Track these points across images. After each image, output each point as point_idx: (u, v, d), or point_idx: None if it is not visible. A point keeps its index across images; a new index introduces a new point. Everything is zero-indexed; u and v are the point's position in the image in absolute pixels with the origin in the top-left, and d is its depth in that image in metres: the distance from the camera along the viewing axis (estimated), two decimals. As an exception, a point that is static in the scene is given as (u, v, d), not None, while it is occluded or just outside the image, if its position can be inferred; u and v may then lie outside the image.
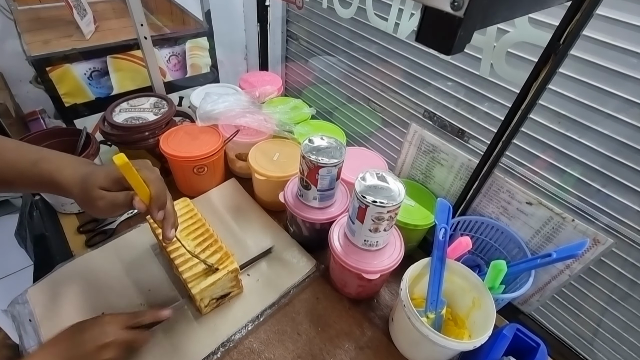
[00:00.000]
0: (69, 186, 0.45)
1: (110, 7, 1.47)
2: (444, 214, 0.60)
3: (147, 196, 0.46)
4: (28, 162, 0.46)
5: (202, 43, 1.36)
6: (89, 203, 0.44)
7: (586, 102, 0.52)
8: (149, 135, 0.78)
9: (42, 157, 0.47)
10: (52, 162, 0.46)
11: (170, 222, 0.49)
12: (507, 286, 0.62)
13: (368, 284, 0.62)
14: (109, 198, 0.44)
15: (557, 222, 0.59)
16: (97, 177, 0.44)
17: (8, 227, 0.84)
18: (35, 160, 0.46)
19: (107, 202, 0.44)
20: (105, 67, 1.18)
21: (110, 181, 0.45)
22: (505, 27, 0.56)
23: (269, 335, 0.60)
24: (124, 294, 0.62)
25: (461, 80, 0.67)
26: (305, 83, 1.12)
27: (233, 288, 0.61)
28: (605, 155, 0.53)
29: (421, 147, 0.75)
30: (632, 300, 0.57)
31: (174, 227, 0.49)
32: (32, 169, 0.46)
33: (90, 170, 0.46)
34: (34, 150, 0.48)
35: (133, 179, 0.44)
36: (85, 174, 0.45)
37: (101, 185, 0.44)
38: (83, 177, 0.45)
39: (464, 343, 0.50)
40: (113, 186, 0.45)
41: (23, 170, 0.46)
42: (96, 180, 0.44)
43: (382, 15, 0.73)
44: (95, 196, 0.44)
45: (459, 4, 0.21)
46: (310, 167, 0.61)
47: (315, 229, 0.69)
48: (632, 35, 0.46)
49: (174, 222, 0.50)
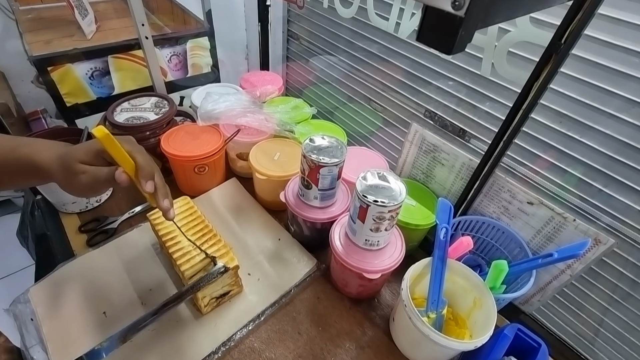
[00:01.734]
0: (48, 166, 0.44)
1: (112, 7, 1.47)
2: (445, 213, 0.60)
3: (131, 168, 0.44)
4: (7, 148, 0.45)
5: (203, 43, 1.36)
6: (70, 180, 0.43)
7: (588, 101, 0.52)
8: (150, 134, 0.79)
9: (20, 142, 0.46)
10: (31, 146, 0.46)
11: (162, 192, 0.47)
12: (508, 286, 0.62)
13: (369, 283, 0.62)
14: (91, 172, 0.43)
15: (558, 222, 0.59)
16: (77, 152, 0.43)
17: (10, 226, 0.84)
18: (13, 147, 0.45)
19: (89, 177, 0.42)
20: (106, 67, 1.18)
21: (91, 155, 0.43)
22: (506, 27, 0.56)
23: (269, 335, 0.60)
24: (125, 293, 0.62)
25: (462, 80, 0.67)
26: (306, 82, 1.12)
27: (233, 286, 0.61)
28: (607, 155, 0.53)
29: (422, 146, 0.75)
30: (633, 300, 0.57)
31: (167, 198, 0.47)
32: (11, 155, 0.45)
33: (70, 148, 0.45)
34: (12, 138, 0.47)
35: (115, 151, 0.42)
36: (64, 152, 0.44)
37: (82, 160, 0.43)
38: (62, 155, 0.44)
39: (465, 343, 0.50)
40: (94, 160, 0.44)
41: (2, 157, 0.45)
42: (76, 155, 0.43)
43: (383, 14, 0.73)
44: (76, 170, 0.42)
45: (460, 4, 0.21)
46: (312, 166, 0.61)
47: (316, 228, 0.69)
48: (634, 35, 0.46)
49: (166, 193, 0.48)
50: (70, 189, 0.45)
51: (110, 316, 0.59)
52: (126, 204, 0.79)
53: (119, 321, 0.58)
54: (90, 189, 0.44)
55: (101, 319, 0.58)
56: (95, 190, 0.45)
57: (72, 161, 0.43)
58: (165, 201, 0.47)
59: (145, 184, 0.45)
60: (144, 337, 0.57)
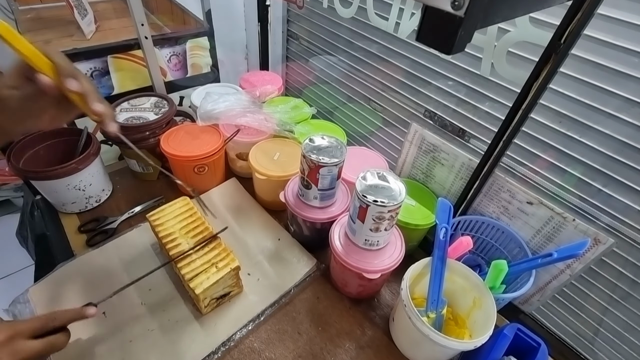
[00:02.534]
0: None
1: (111, 7, 1.47)
2: (445, 213, 0.60)
3: (48, 68, 0.39)
4: None
5: (202, 43, 1.36)
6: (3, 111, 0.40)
7: (587, 101, 0.52)
8: (150, 134, 0.79)
9: None
10: None
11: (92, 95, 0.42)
12: (508, 286, 0.62)
13: (369, 283, 0.62)
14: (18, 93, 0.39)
15: (558, 221, 0.59)
16: (3, 79, 0.40)
17: (9, 226, 0.84)
18: None
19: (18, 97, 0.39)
20: (106, 67, 1.18)
21: (14, 76, 0.39)
22: (506, 27, 0.56)
23: (269, 335, 0.60)
24: (124, 293, 0.61)
25: (462, 80, 0.67)
26: (306, 82, 1.12)
27: (233, 287, 0.61)
28: (606, 155, 0.53)
29: (422, 146, 0.75)
30: (633, 300, 0.57)
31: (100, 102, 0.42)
32: None
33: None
34: None
35: (21, 45, 0.37)
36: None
37: (7, 85, 0.39)
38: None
39: (464, 343, 0.50)
40: (20, 82, 0.40)
41: None
42: (3, 82, 0.39)
43: (382, 14, 0.73)
44: (4, 95, 0.39)
45: (460, 4, 0.21)
46: (311, 166, 0.61)
47: (315, 228, 0.69)
48: (634, 35, 0.46)
49: (98, 96, 0.42)
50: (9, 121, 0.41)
51: (110, 316, 0.59)
52: (126, 204, 0.79)
53: (119, 321, 0.58)
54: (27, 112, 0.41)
55: (101, 319, 0.58)
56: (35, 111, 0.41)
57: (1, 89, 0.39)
58: (98, 105, 0.42)
59: (68, 82, 0.40)
60: (144, 337, 0.57)
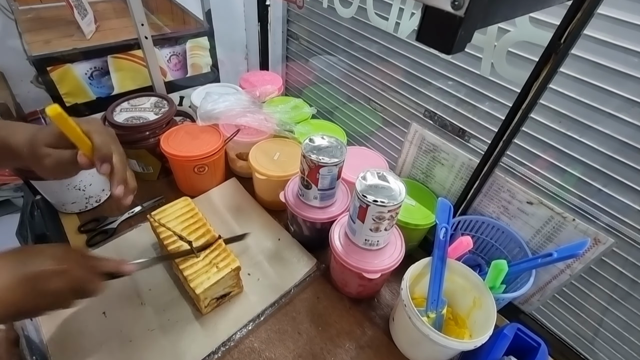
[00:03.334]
0: (19, 148, 0.44)
1: (111, 7, 1.47)
2: (445, 213, 0.60)
3: (89, 149, 0.43)
4: None
5: (202, 43, 1.36)
6: (36, 162, 0.43)
7: (587, 101, 0.52)
8: (150, 134, 0.79)
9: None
10: (7, 128, 0.46)
11: (118, 177, 0.45)
12: (508, 286, 0.62)
13: (369, 283, 0.62)
14: (54, 155, 0.43)
15: (557, 221, 0.59)
16: (43, 134, 0.43)
17: (9, 226, 0.84)
18: None
19: (53, 160, 0.43)
20: (106, 67, 1.18)
21: (56, 138, 0.43)
22: (506, 27, 0.56)
23: (269, 335, 0.60)
24: (124, 294, 0.62)
25: (462, 80, 0.67)
26: (306, 82, 1.12)
27: (233, 287, 0.61)
28: (606, 155, 0.53)
29: (422, 146, 0.75)
30: (633, 300, 0.57)
31: (121, 184, 0.45)
32: None
33: (38, 131, 0.45)
34: None
35: (70, 131, 0.41)
36: (33, 134, 0.44)
37: (47, 143, 0.43)
38: (31, 137, 0.44)
39: (464, 343, 0.50)
40: (59, 143, 0.43)
41: None
42: (42, 138, 0.43)
43: (382, 14, 0.73)
44: (41, 154, 0.43)
45: (460, 3, 0.21)
46: (311, 166, 0.61)
47: (316, 228, 0.69)
48: (634, 35, 0.46)
49: (123, 178, 0.46)
50: (37, 170, 0.45)
51: (110, 316, 0.59)
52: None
53: (119, 321, 0.58)
54: (57, 171, 0.44)
55: (101, 319, 0.58)
56: (61, 172, 0.45)
57: (38, 145, 0.43)
58: (118, 188, 0.45)
59: (100, 166, 0.44)
60: (144, 337, 0.57)
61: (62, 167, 0.44)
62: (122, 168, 0.46)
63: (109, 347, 0.55)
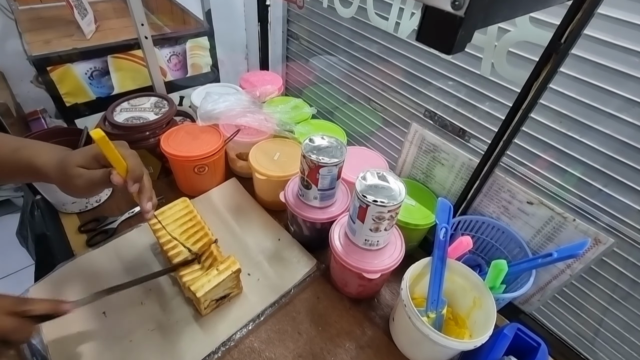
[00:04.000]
0: (47, 169, 0.47)
1: (111, 7, 1.47)
2: (445, 213, 0.60)
3: (123, 170, 0.47)
4: (9, 149, 0.48)
5: (202, 43, 1.36)
6: (67, 182, 0.46)
7: (587, 101, 0.52)
8: (150, 134, 0.78)
9: (23, 145, 0.49)
10: (32, 148, 0.48)
11: (147, 195, 0.50)
12: (508, 286, 0.62)
13: (369, 283, 0.62)
14: (87, 175, 0.46)
15: (558, 221, 0.59)
16: (75, 156, 0.46)
17: (9, 226, 0.84)
18: (15, 148, 0.48)
19: (85, 180, 0.45)
20: (106, 67, 1.18)
21: (88, 159, 0.46)
22: (506, 27, 0.56)
23: (269, 335, 0.60)
24: (124, 294, 0.61)
25: (462, 80, 0.67)
26: (306, 82, 1.12)
27: (233, 289, 0.61)
28: (607, 155, 0.53)
29: (422, 146, 0.75)
30: (633, 300, 0.57)
31: (150, 201, 0.51)
32: (12, 156, 0.47)
33: (68, 153, 0.47)
34: (14, 139, 0.50)
35: (110, 153, 0.45)
36: (63, 156, 0.47)
37: (79, 164, 0.46)
38: (60, 159, 0.46)
39: (464, 343, 0.50)
40: (91, 164, 0.46)
41: (4, 157, 0.48)
42: (74, 159, 0.46)
43: (382, 14, 0.73)
44: (73, 174, 0.45)
45: (460, 3, 0.21)
46: (311, 166, 0.61)
47: (315, 228, 0.69)
48: (634, 34, 0.46)
49: (151, 196, 0.51)
50: (68, 190, 0.48)
51: (110, 316, 0.59)
52: (126, 204, 0.78)
53: (119, 321, 0.58)
54: (87, 190, 0.47)
55: (101, 319, 0.58)
56: (92, 191, 0.48)
57: (70, 166, 0.45)
58: (148, 204, 0.50)
59: (132, 185, 0.48)
60: (144, 337, 0.57)
61: (94, 186, 0.47)
62: (150, 187, 0.51)
63: (109, 347, 0.55)
